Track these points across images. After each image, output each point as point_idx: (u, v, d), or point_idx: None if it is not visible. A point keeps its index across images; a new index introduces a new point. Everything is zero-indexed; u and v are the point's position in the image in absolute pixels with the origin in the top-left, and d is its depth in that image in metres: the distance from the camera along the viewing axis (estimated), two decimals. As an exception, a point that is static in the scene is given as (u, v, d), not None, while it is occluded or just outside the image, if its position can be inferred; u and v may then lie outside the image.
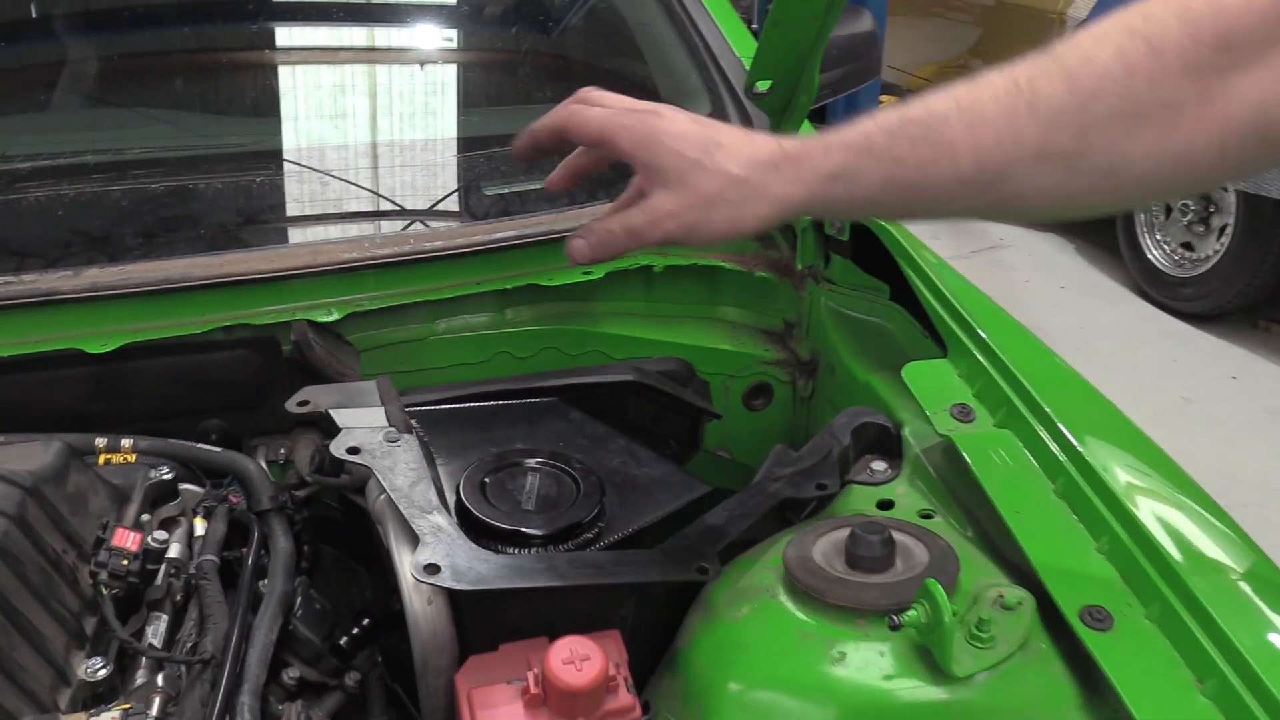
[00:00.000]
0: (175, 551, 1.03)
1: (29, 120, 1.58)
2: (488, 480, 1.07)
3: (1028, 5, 5.11)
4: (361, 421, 1.07)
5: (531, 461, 1.10)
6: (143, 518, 1.06)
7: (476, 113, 1.78)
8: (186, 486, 1.13)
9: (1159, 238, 4.62)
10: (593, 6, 2.02)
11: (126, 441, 1.14)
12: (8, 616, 0.84)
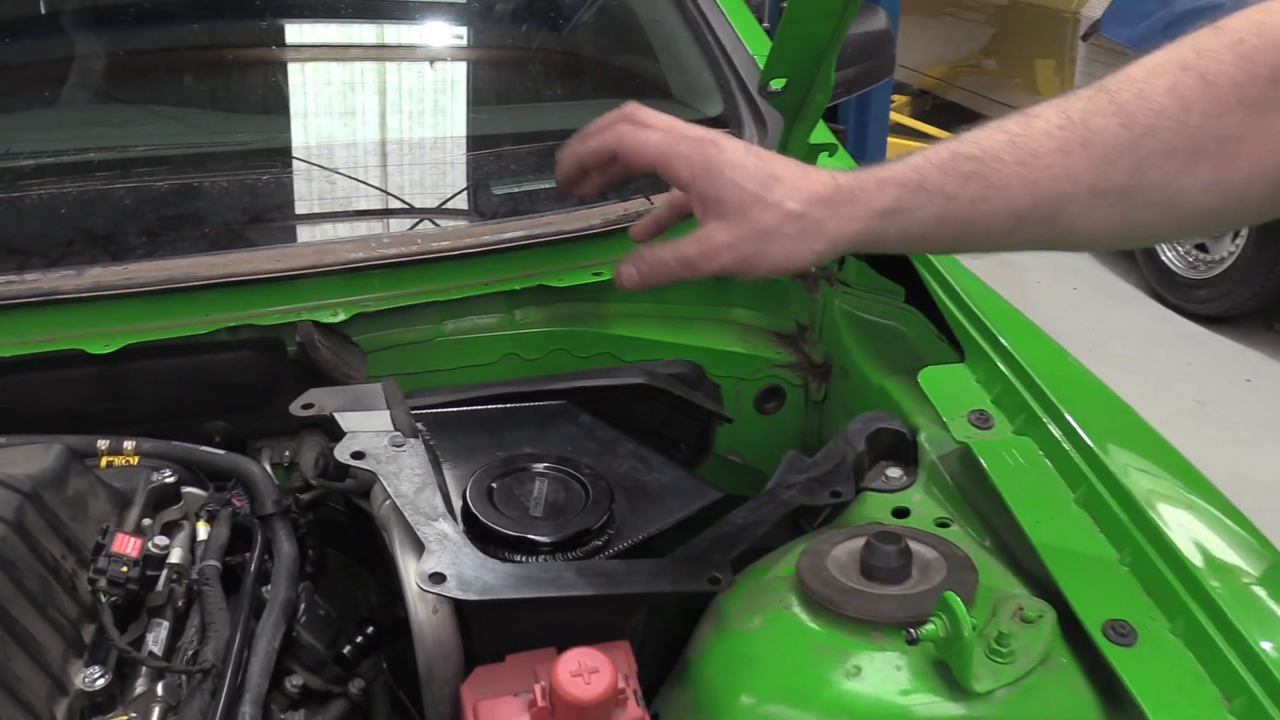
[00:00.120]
0: (177, 557, 1.02)
1: (33, 117, 1.56)
2: (495, 485, 1.05)
3: (1041, 5, 5.07)
4: (367, 425, 1.06)
5: (539, 466, 1.09)
6: (144, 522, 1.04)
7: (486, 111, 1.75)
8: (189, 490, 1.12)
9: (1173, 239, 4.58)
10: (604, 4, 2.00)
11: (129, 444, 1.13)
12: (3, 625, 0.82)
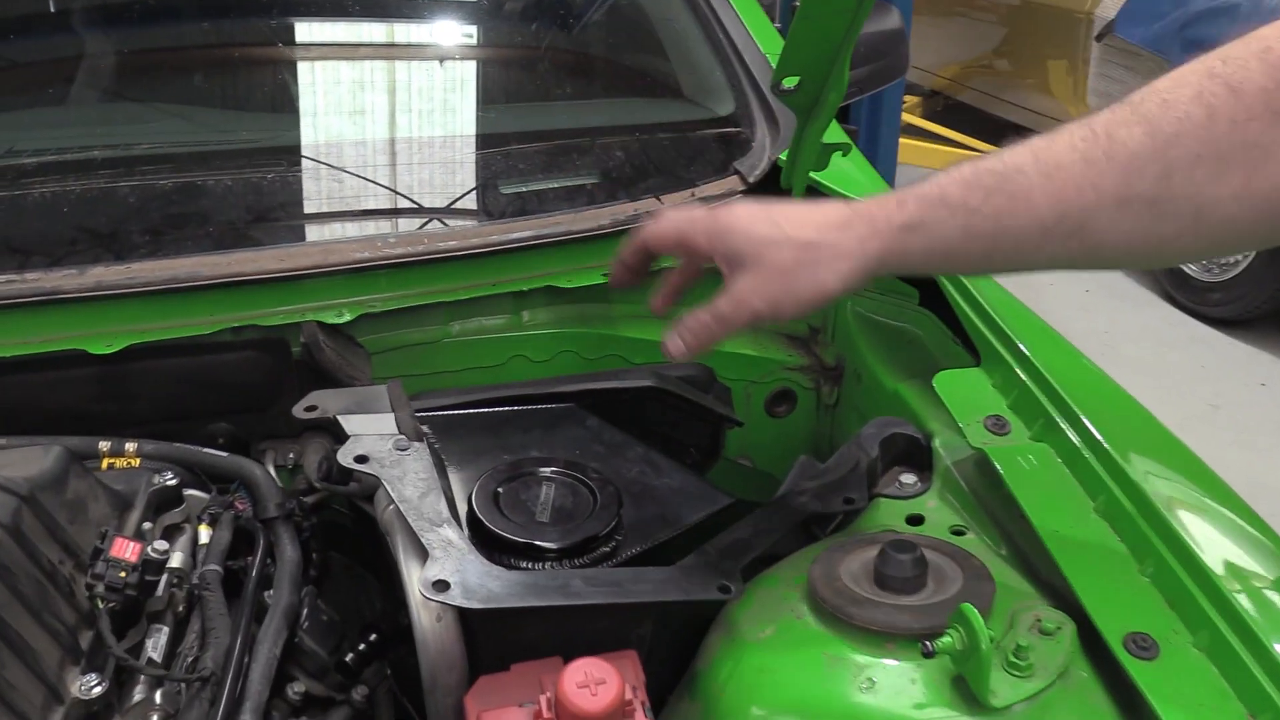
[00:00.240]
0: (178, 561, 1.00)
1: (36, 115, 1.55)
2: (501, 490, 1.03)
3: (1055, 5, 5.03)
4: (371, 428, 1.04)
5: (546, 470, 1.07)
6: (145, 525, 1.03)
7: (494, 109, 1.74)
8: (191, 492, 1.10)
9: (1187, 241, 4.53)
10: (614, 2, 1.98)
11: (131, 445, 1.12)
12: (-2, 631, 0.80)
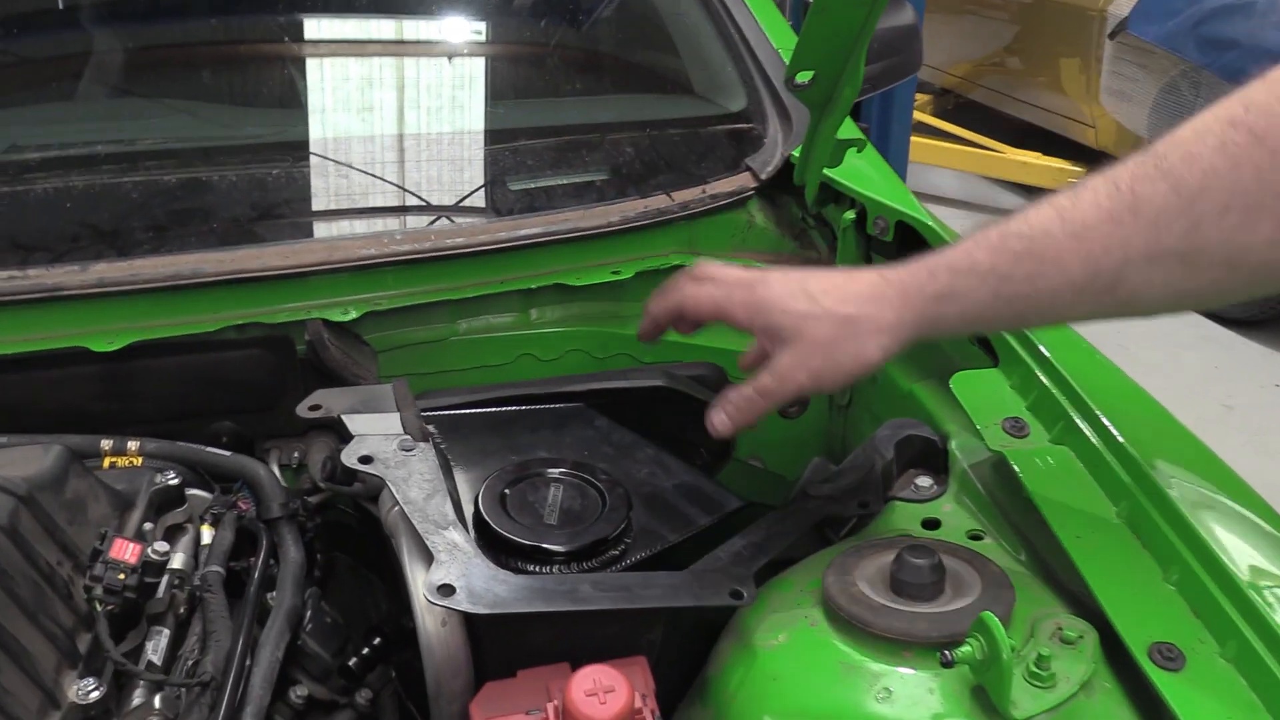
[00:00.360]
0: (179, 562, 0.99)
1: (40, 110, 1.54)
2: (508, 491, 1.02)
3: (1067, 2, 4.99)
4: (376, 428, 1.02)
5: (554, 472, 1.05)
6: (146, 526, 1.01)
7: (502, 105, 1.72)
8: (194, 492, 1.09)
9: (1201, 241, 4.50)
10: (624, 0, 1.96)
11: (133, 444, 1.10)
12: (-7, 635, 0.79)
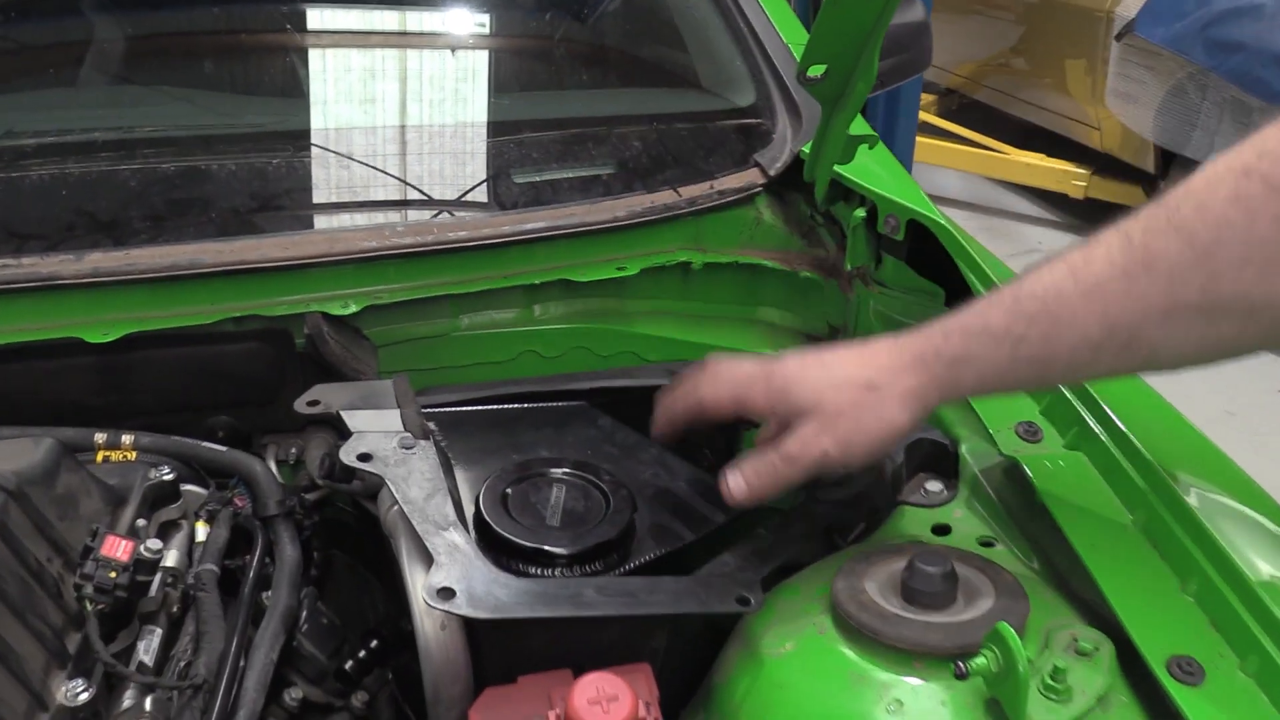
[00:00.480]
0: (173, 559, 0.96)
1: (37, 97, 1.52)
2: (509, 491, 0.99)
3: (1074, 3, 4.96)
4: (375, 425, 1.00)
5: (557, 472, 1.03)
6: (139, 522, 0.98)
7: (507, 97, 1.70)
8: (189, 488, 1.06)
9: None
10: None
11: (127, 438, 1.08)
12: (-21, 634, 0.76)
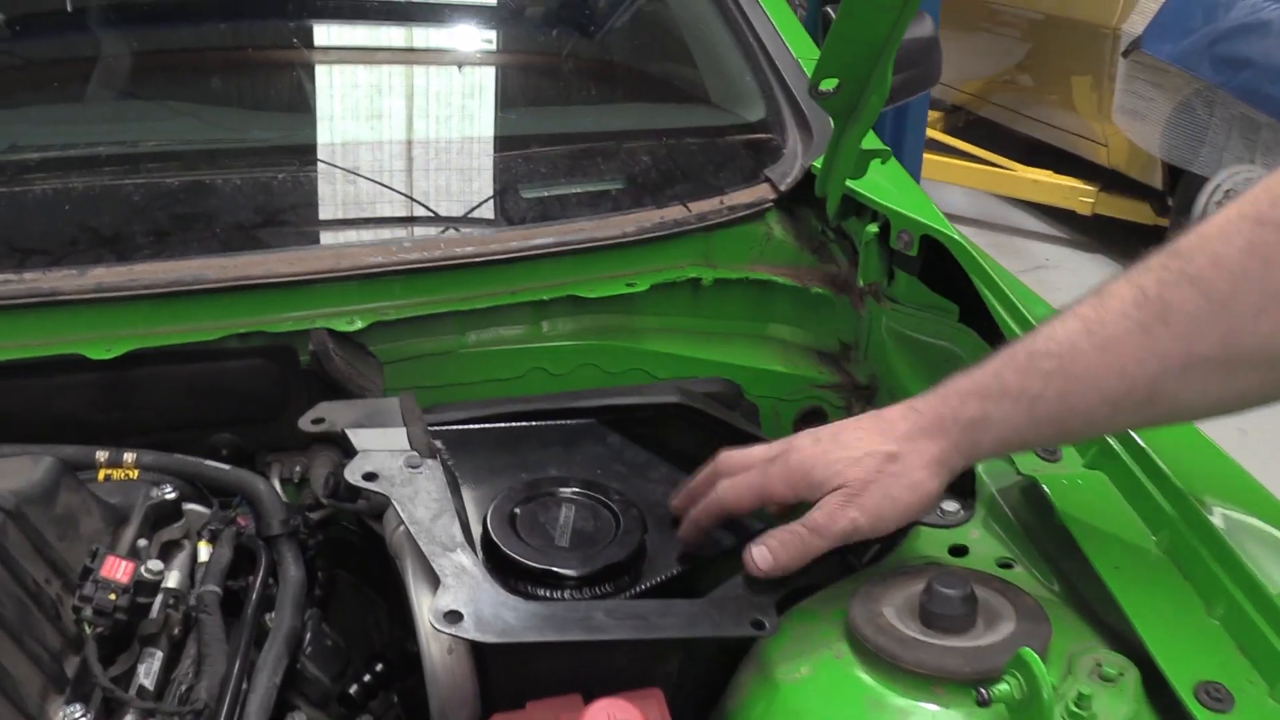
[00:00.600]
0: (174, 580, 0.95)
1: (42, 111, 1.51)
2: (518, 511, 0.98)
3: (1080, 20, 4.96)
4: (381, 443, 0.98)
5: (566, 491, 1.01)
6: (140, 542, 0.96)
7: (514, 112, 1.68)
8: (191, 507, 1.05)
9: (1214, 261, 4.44)
10: (640, 6, 1.93)
11: (129, 456, 1.06)
12: (-26, 658, 0.74)
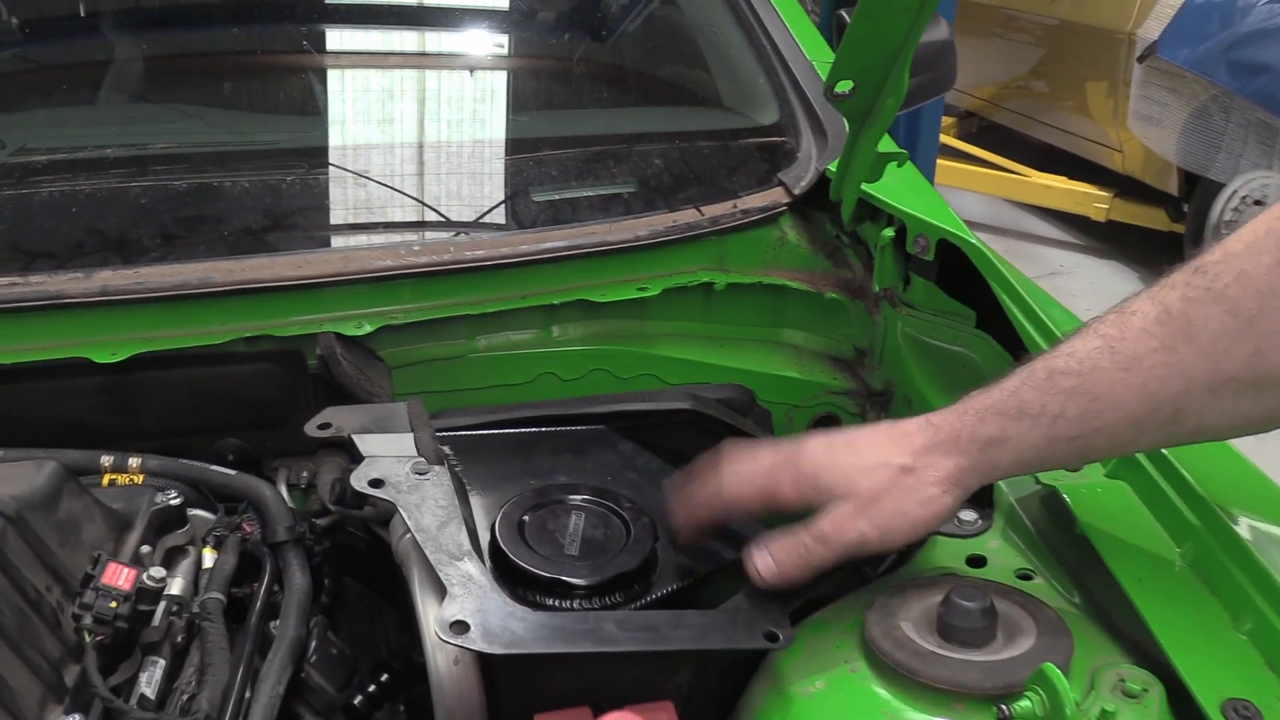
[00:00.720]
0: (178, 587, 0.93)
1: (50, 114, 1.50)
2: (526, 519, 0.96)
3: (1095, 25, 4.93)
4: (388, 449, 0.97)
5: (576, 498, 0.99)
6: (143, 548, 0.95)
7: (526, 115, 1.67)
8: (196, 513, 1.04)
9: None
10: (653, 8, 1.92)
11: (134, 461, 1.05)
12: (-28, 667, 0.73)
